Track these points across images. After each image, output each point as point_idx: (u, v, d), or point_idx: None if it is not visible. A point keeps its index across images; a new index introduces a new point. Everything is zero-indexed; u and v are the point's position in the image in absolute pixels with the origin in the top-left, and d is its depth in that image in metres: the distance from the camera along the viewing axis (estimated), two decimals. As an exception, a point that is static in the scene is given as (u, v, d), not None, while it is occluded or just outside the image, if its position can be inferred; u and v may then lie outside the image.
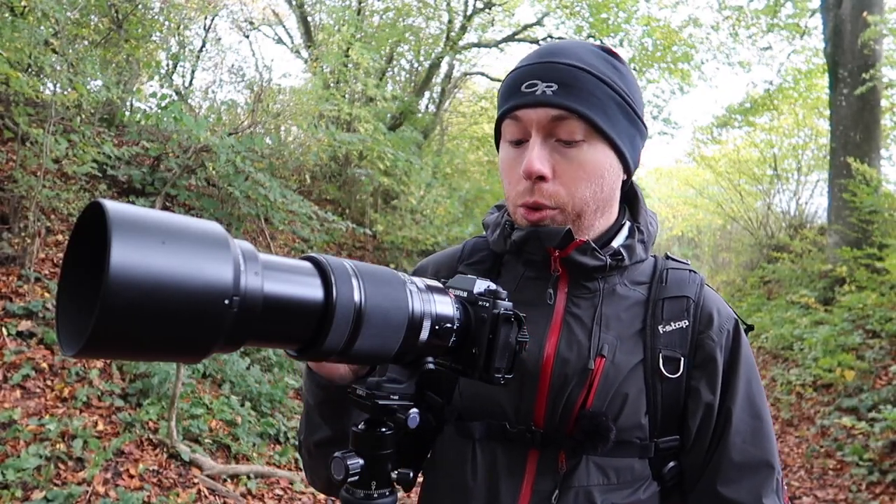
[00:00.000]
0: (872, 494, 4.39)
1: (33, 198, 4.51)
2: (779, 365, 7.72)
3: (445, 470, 0.97)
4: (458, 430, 0.95)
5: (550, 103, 0.89)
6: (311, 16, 11.32)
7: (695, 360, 0.96)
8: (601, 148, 0.92)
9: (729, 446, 0.94)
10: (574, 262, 0.94)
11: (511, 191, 0.96)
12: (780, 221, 13.44)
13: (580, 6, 11.01)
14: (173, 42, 8.17)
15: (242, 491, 3.86)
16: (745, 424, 0.95)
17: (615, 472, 0.91)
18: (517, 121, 0.93)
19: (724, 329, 0.97)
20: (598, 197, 0.94)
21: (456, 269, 1.05)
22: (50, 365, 4.04)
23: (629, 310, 0.97)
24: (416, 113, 10.97)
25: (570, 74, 0.90)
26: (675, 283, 0.99)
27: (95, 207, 0.49)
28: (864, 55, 8.50)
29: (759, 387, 0.99)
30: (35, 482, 3.23)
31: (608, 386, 0.91)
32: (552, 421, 0.91)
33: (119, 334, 0.47)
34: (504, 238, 1.00)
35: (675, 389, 0.94)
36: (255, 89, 7.94)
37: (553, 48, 0.95)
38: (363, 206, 9.43)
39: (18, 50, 4.25)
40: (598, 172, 0.92)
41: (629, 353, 0.93)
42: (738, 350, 0.98)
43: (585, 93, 0.90)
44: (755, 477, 0.93)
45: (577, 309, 0.96)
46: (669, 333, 0.95)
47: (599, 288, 0.97)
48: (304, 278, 0.62)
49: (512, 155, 0.95)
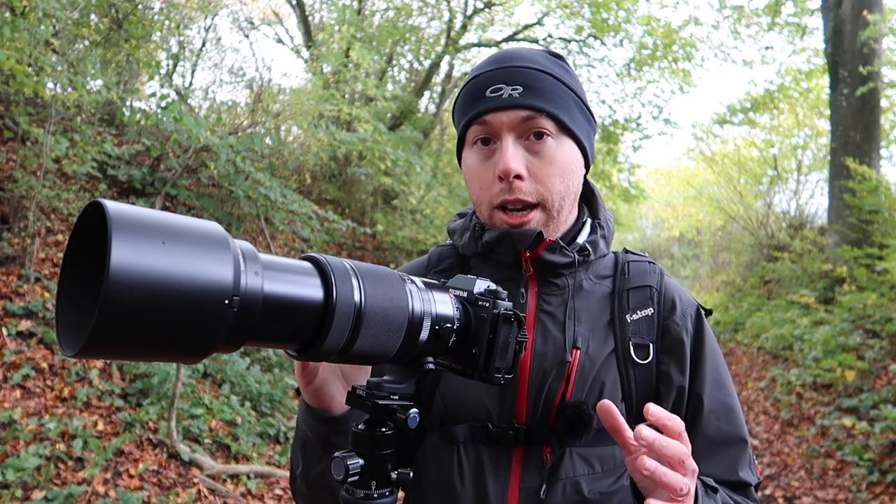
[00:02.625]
0: (872, 494, 4.39)
1: (33, 198, 4.51)
2: (779, 365, 7.72)
3: (431, 478, 0.97)
4: (442, 436, 0.96)
5: (519, 105, 0.93)
6: (312, 15, 11.33)
7: (662, 344, 1.00)
8: (568, 144, 0.97)
9: (703, 425, 0.98)
10: (544, 260, 0.97)
11: (483, 194, 0.98)
12: (780, 221, 13.45)
13: (580, 6, 11.00)
14: (173, 42, 8.17)
15: (242, 491, 3.86)
16: (717, 403, 0.99)
17: (599, 461, 0.93)
18: (485, 125, 0.95)
19: (687, 314, 1.02)
20: (571, 191, 0.98)
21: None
22: (50, 365, 4.04)
23: (597, 303, 1.01)
24: (416, 113, 10.97)
25: (533, 77, 0.94)
26: (637, 274, 1.03)
27: (95, 207, 0.49)
28: (864, 55, 8.50)
29: (724, 367, 1.03)
30: (35, 482, 3.23)
31: (585, 376, 0.95)
32: (534, 416, 0.94)
33: (119, 334, 0.47)
34: (475, 240, 1.02)
35: (647, 374, 0.98)
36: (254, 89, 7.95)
37: (508, 54, 0.98)
38: (363, 206, 9.44)
39: (19, 50, 4.25)
40: (569, 167, 0.97)
41: (601, 343, 0.97)
42: (702, 333, 1.02)
43: (549, 93, 0.94)
44: (730, 451, 0.97)
45: (548, 306, 0.99)
46: (637, 321, 0.99)
47: (567, 284, 1.00)
48: (304, 278, 0.62)
49: (480, 158, 0.98)
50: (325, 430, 0.87)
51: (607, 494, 0.92)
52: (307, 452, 0.92)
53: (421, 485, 0.98)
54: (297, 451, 0.94)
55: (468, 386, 0.92)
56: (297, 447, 0.95)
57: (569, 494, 0.91)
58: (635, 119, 12.38)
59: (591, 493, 0.91)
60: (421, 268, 1.11)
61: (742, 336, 9.81)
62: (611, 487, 0.93)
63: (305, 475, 0.93)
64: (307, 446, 0.91)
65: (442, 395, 0.97)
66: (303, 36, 11.36)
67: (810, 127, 13.16)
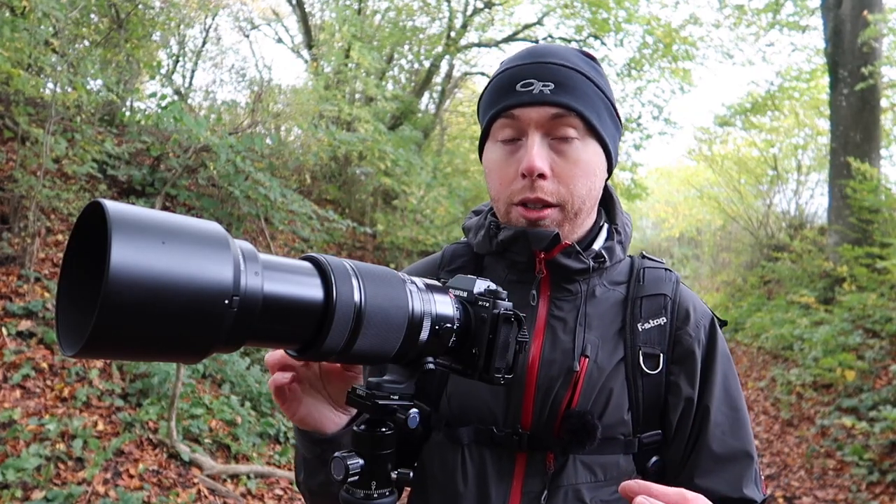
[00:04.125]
0: (872, 494, 4.39)
1: (33, 198, 4.51)
2: (779, 365, 7.72)
3: (434, 477, 0.97)
4: (447, 436, 0.95)
5: (549, 102, 0.90)
6: (312, 16, 11.33)
7: (673, 355, 0.98)
8: (593, 146, 0.94)
9: (709, 439, 0.96)
10: (558, 264, 0.95)
11: (503, 190, 0.95)
12: (780, 221, 13.45)
13: (581, 5, 10.99)
14: (173, 42, 8.17)
15: (242, 491, 3.86)
16: (725, 416, 0.97)
17: (602, 469, 0.92)
18: (513, 119, 0.93)
19: (700, 324, 1.00)
20: (592, 195, 0.96)
21: (437, 276, 1.05)
22: (50, 365, 4.04)
23: (609, 309, 0.99)
24: (416, 113, 10.97)
25: (564, 74, 0.92)
26: (652, 281, 1.01)
27: (95, 207, 0.49)
28: (864, 54, 8.50)
29: (735, 379, 1.01)
30: (35, 482, 3.23)
31: (592, 385, 0.93)
32: (539, 422, 0.92)
33: (119, 334, 0.47)
34: (489, 238, 1.00)
35: (656, 385, 0.96)
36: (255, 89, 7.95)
37: (542, 49, 0.96)
38: (363, 206, 9.43)
39: (18, 50, 4.25)
40: (592, 170, 0.94)
41: (611, 352, 0.95)
42: (715, 345, 1.00)
43: (580, 92, 0.92)
44: (736, 467, 0.95)
45: (559, 311, 0.97)
46: (648, 330, 0.97)
47: (581, 290, 0.98)
48: (304, 278, 0.61)
49: (504, 154, 0.95)
50: (319, 450, 0.87)
51: (608, 502, 0.92)
52: (307, 464, 0.92)
53: (425, 482, 0.98)
54: (300, 462, 0.94)
55: (475, 388, 0.92)
56: (299, 456, 0.94)
57: (570, 501, 0.91)
58: (636, 119, 12.38)
59: (592, 501, 0.91)
60: (433, 265, 1.09)
61: (742, 336, 9.81)
62: (612, 496, 0.92)
63: (308, 483, 0.93)
64: (307, 460, 0.91)
65: (449, 396, 0.96)
66: (303, 36, 11.36)
67: (810, 127, 13.16)
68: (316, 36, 10.74)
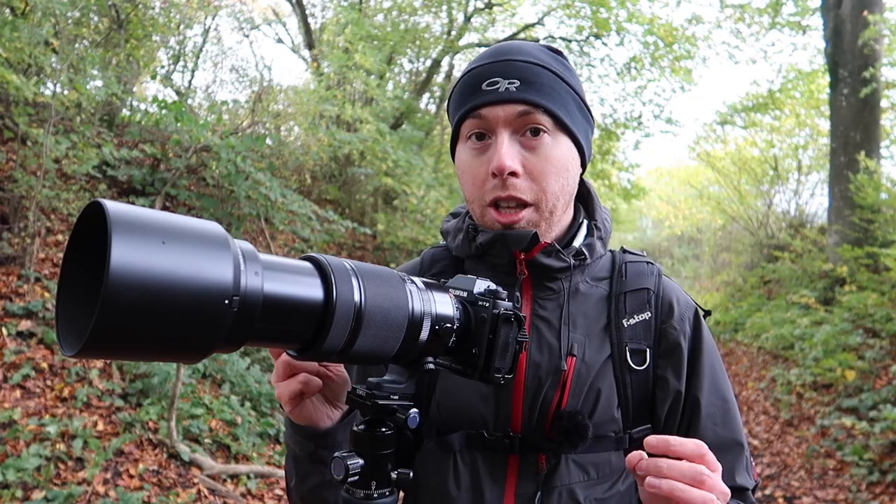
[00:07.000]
0: (872, 494, 4.39)
1: (33, 198, 4.51)
2: (779, 365, 7.72)
3: (427, 485, 0.97)
4: (438, 443, 0.95)
5: (515, 99, 0.90)
6: (313, 16, 11.32)
7: (659, 349, 0.98)
8: (564, 141, 0.94)
9: (701, 430, 0.96)
10: (539, 264, 0.95)
11: (476, 191, 0.95)
12: (781, 221, 13.45)
13: (581, 5, 10.98)
14: (173, 42, 8.17)
15: (242, 491, 3.86)
16: (714, 407, 0.97)
17: (594, 468, 0.92)
18: (480, 119, 0.92)
19: (684, 317, 1.00)
20: (566, 191, 0.95)
21: None
22: (50, 365, 4.04)
23: (594, 306, 0.98)
24: (416, 113, 10.96)
25: (530, 71, 0.91)
26: (635, 275, 1.01)
27: (95, 207, 0.49)
28: (865, 55, 8.49)
29: (722, 370, 1.01)
30: (35, 482, 3.22)
31: (581, 384, 0.93)
32: (529, 424, 0.92)
33: (119, 334, 0.47)
34: (468, 242, 0.99)
35: (644, 380, 0.96)
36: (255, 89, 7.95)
37: (505, 48, 0.95)
38: (363, 206, 9.43)
39: (18, 50, 4.25)
40: (564, 166, 0.94)
41: (598, 349, 0.95)
42: (700, 336, 1.00)
43: (547, 88, 0.91)
44: (728, 456, 0.95)
45: (543, 311, 0.96)
46: (633, 326, 0.97)
47: (563, 288, 0.97)
48: (304, 278, 0.61)
49: (473, 154, 0.95)
50: (313, 446, 0.86)
51: (602, 500, 0.92)
52: (298, 468, 0.91)
53: (418, 488, 0.98)
54: (291, 466, 0.94)
55: (464, 393, 0.92)
56: (290, 462, 0.94)
57: (564, 501, 0.91)
58: (636, 118, 12.38)
59: (586, 500, 0.91)
60: (414, 270, 1.08)
61: (742, 336, 9.80)
62: (606, 493, 0.92)
63: (299, 489, 0.92)
64: (298, 462, 0.91)
65: (437, 403, 0.95)
66: (303, 36, 11.36)
67: (810, 127, 13.16)
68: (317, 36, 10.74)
